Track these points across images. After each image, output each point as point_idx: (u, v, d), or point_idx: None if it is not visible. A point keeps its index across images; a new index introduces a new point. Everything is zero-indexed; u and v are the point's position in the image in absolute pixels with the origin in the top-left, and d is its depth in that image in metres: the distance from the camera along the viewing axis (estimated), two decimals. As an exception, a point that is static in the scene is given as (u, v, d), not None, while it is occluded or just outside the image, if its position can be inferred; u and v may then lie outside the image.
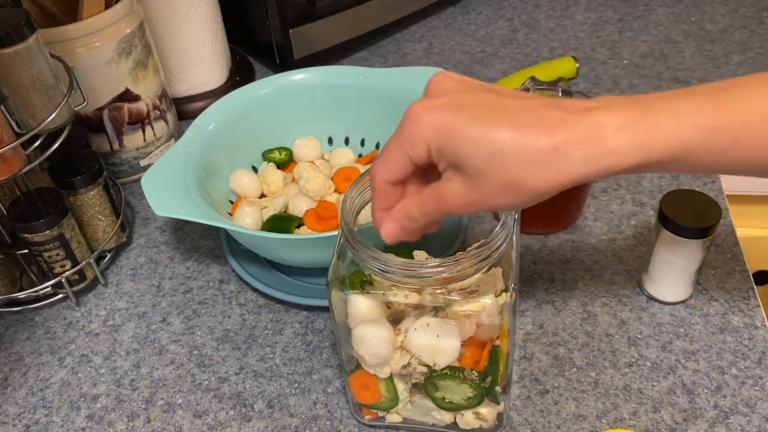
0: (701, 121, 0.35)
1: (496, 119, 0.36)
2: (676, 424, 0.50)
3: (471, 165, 0.37)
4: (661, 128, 0.35)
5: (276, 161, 0.70)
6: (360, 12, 0.90)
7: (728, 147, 0.35)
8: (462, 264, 0.40)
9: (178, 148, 0.63)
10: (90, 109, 0.71)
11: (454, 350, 0.44)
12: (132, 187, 0.77)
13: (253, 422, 0.53)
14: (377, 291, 0.43)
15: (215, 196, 0.63)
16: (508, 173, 0.36)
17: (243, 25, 0.92)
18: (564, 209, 0.64)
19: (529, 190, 0.36)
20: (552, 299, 0.59)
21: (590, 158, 0.35)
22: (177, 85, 0.86)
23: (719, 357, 0.54)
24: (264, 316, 0.61)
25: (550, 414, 0.51)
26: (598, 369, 0.54)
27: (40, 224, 0.58)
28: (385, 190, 0.41)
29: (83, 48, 0.67)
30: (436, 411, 0.48)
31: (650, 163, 0.36)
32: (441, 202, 0.39)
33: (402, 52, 0.95)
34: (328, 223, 0.61)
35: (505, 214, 0.42)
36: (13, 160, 0.54)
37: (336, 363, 0.56)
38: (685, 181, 0.69)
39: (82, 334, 0.61)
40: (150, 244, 0.70)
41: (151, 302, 0.63)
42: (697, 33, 0.92)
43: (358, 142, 0.72)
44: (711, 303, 0.57)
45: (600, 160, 0.35)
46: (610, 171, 0.36)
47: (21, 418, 0.55)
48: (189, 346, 0.59)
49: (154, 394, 0.56)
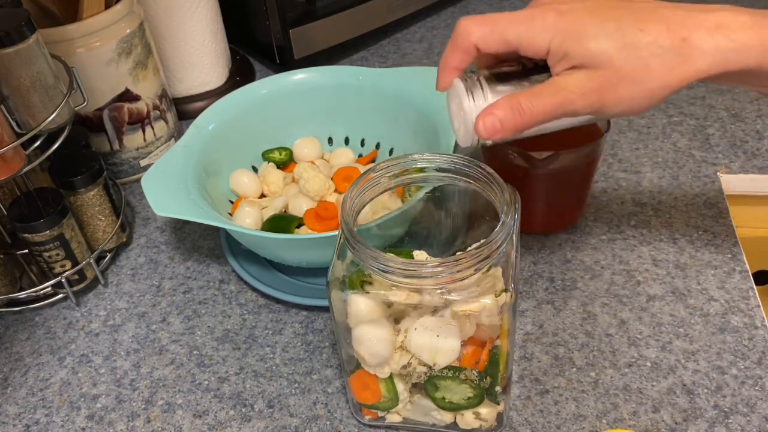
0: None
1: (625, 17, 0.38)
2: (676, 424, 0.50)
3: (601, 56, 0.38)
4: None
5: (276, 161, 0.70)
6: (360, 12, 0.90)
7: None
8: (462, 264, 0.39)
9: (178, 148, 0.63)
10: (90, 109, 0.71)
11: (454, 350, 0.44)
12: (132, 187, 0.77)
13: (253, 422, 0.53)
14: (377, 291, 0.43)
15: (215, 196, 0.63)
16: (639, 63, 0.38)
17: (243, 25, 0.92)
18: (564, 209, 0.64)
19: (656, 80, 0.38)
20: (552, 299, 0.59)
21: (718, 50, 0.37)
22: (177, 85, 0.86)
23: (719, 357, 0.53)
24: (264, 316, 0.61)
25: (550, 414, 0.51)
26: (598, 369, 0.54)
27: (40, 224, 0.58)
28: (467, 51, 0.41)
29: (83, 48, 0.67)
30: (436, 411, 0.48)
31: (766, 68, 0.38)
32: (559, 90, 0.39)
33: (402, 52, 0.95)
34: (328, 223, 0.61)
35: (505, 213, 0.42)
36: (13, 160, 0.54)
37: (336, 363, 0.56)
38: (684, 181, 0.69)
39: (82, 334, 0.61)
40: (150, 244, 0.70)
41: (151, 302, 0.63)
42: (697, 33, 0.92)
43: (358, 142, 0.72)
44: (711, 303, 0.57)
45: (726, 53, 0.37)
46: (729, 67, 0.38)
47: (21, 418, 0.55)
48: (189, 346, 0.59)
49: (154, 394, 0.56)
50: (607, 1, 0.40)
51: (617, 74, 0.38)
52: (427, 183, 0.48)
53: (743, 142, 0.73)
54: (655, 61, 0.38)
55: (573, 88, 0.39)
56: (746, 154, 0.72)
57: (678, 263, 0.61)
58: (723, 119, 0.77)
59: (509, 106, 0.40)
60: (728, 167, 0.70)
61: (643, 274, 0.60)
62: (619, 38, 0.38)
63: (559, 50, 0.39)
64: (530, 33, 0.39)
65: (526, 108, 0.40)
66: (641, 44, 0.38)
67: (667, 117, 0.78)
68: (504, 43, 0.40)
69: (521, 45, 0.40)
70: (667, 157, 0.72)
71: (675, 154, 0.72)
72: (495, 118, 0.41)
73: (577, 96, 0.39)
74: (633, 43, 0.38)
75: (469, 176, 0.45)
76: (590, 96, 0.39)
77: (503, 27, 0.40)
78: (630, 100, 0.39)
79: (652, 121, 0.77)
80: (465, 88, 0.43)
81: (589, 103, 0.39)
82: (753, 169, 0.70)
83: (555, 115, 0.41)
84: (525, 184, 0.59)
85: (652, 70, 0.38)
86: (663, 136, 0.75)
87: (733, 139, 0.74)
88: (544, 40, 0.39)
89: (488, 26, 0.41)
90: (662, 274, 0.60)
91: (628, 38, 0.38)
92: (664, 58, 0.38)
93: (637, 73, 0.38)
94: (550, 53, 0.39)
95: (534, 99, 0.40)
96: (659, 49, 0.38)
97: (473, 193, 0.45)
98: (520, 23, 0.40)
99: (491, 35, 0.40)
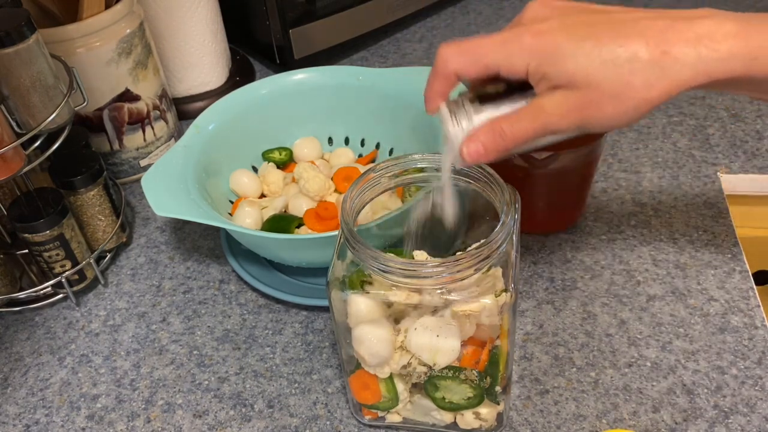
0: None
1: (602, 34, 0.37)
2: (676, 424, 0.50)
3: (579, 75, 0.37)
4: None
5: (276, 161, 0.70)
6: (360, 12, 0.90)
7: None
8: (462, 264, 0.39)
9: (178, 148, 0.63)
10: (90, 109, 0.71)
11: (454, 350, 0.44)
12: (132, 187, 0.77)
13: (253, 422, 0.53)
14: (377, 291, 0.43)
15: (215, 196, 0.63)
16: (618, 80, 0.37)
17: (243, 25, 0.92)
18: (564, 209, 0.64)
19: (638, 95, 0.37)
20: (552, 299, 0.59)
21: (701, 62, 0.36)
22: (177, 85, 0.86)
23: (719, 357, 0.53)
24: (264, 316, 0.61)
25: (550, 414, 0.51)
26: (598, 369, 0.54)
27: (40, 224, 0.58)
28: (448, 78, 0.41)
29: (83, 48, 0.67)
30: (436, 411, 0.48)
31: (754, 75, 0.37)
32: (539, 113, 0.39)
33: (402, 52, 0.95)
34: (328, 223, 0.61)
35: (505, 213, 0.42)
36: (13, 160, 0.54)
37: (336, 363, 0.56)
38: (684, 181, 0.69)
39: (82, 334, 0.61)
40: (150, 244, 0.70)
41: (151, 302, 0.63)
42: (697, 33, 0.92)
43: (358, 142, 0.72)
44: (711, 303, 0.57)
45: (710, 63, 0.36)
46: (715, 77, 0.37)
47: (21, 418, 0.55)
48: (189, 346, 0.59)
49: (154, 394, 0.56)
50: (587, 14, 0.39)
51: (597, 92, 0.38)
52: (427, 183, 0.48)
53: (743, 142, 0.73)
54: (635, 77, 0.37)
55: (553, 110, 0.39)
56: (746, 154, 0.72)
57: (678, 263, 0.61)
58: (723, 119, 0.77)
59: (492, 130, 0.40)
60: (728, 167, 0.70)
61: (643, 274, 0.60)
62: (596, 56, 0.37)
63: (536, 72, 0.38)
64: (508, 58, 0.39)
65: (508, 132, 0.40)
66: (620, 61, 0.37)
67: (667, 117, 0.78)
68: (484, 69, 0.40)
69: (501, 70, 0.40)
70: (667, 157, 0.72)
71: (675, 154, 0.72)
72: (478, 143, 0.41)
73: (557, 118, 0.39)
74: (611, 60, 0.37)
75: (469, 176, 0.45)
76: (570, 116, 0.39)
77: (481, 54, 0.40)
78: (613, 117, 0.38)
79: (652, 121, 0.77)
80: (450, 114, 0.43)
81: (571, 122, 0.39)
82: (753, 169, 0.70)
83: (538, 136, 0.41)
84: (525, 184, 0.59)
85: (632, 86, 0.37)
86: (663, 136, 0.75)
87: (733, 139, 0.74)
88: (521, 64, 0.39)
89: (466, 56, 0.40)
90: (662, 274, 0.60)
91: (606, 55, 0.37)
92: (645, 73, 0.37)
93: (618, 89, 0.37)
94: (529, 75, 0.39)
95: (515, 124, 0.40)
96: (639, 64, 0.37)
97: (473, 193, 0.45)
98: (497, 48, 0.39)
99: (471, 65, 0.40)
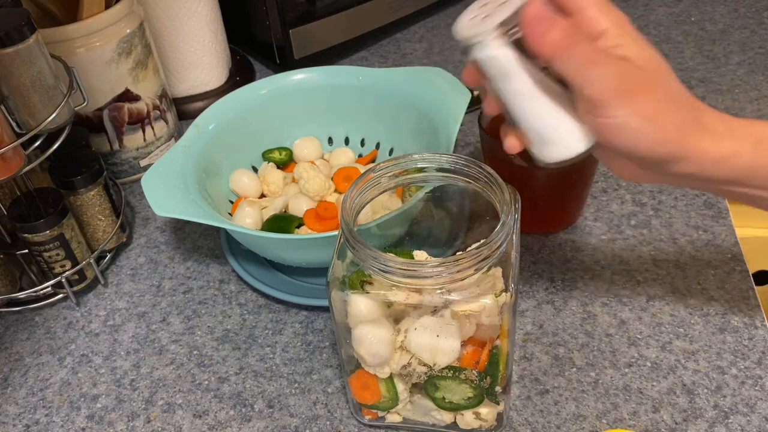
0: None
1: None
2: (676, 424, 0.50)
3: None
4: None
5: (276, 161, 0.70)
6: (360, 12, 0.90)
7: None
8: (462, 264, 0.39)
9: (178, 148, 0.63)
10: (90, 109, 0.71)
11: (454, 350, 0.44)
12: (132, 187, 0.77)
13: (253, 422, 0.53)
14: (377, 291, 0.43)
15: (215, 196, 0.63)
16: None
17: (243, 25, 0.92)
18: (564, 209, 0.64)
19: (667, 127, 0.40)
20: (552, 299, 0.59)
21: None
22: (177, 85, 0.86)
23: (719, 357, 0.54)
24: (264, 316, 0.61)
25: (550, 414, 0.51)
26: (598, 369, 0.54)
27: (40, 224, 0.58)
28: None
29: (83, 48, 0.67)
30: (436, 411, 0.48)
31: None
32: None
33: (402, 52, 0.95)
34: (328, 223, 0.61)
35: (505, 213, 0.42)
36: (13, 160, 0.54)
37: (336, 363, 0.56)
38: (685, 181, 0.69)
39: (82, 334, 0.61)
40: (150, 244, 0.70)
41: (151, 302, 0.63)
42: (697, 33, 0.92)
43: (358, 142, 0.72)
44: (711, 303, 0.57)
45: None
46: None
47: (21, 418, 0.55)
48: (189, 346, 0.59)
49: (154, 394, 0.56)
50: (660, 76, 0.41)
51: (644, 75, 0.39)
52: (427, 183, 0.48)
53: (743, 142, 0.73)
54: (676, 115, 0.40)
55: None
56: (746, 154, 0.72)
57: (678, 263, 0.61)
58: (723, 119, 0.77)
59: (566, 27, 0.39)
60: (728, 167, 0.70)
61: (643, 274, 0.60)
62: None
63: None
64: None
65: (568, 42, 0.38)
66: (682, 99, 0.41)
67: (667, 117, 0.78)
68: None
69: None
70: (667, 157, 0.72)
71: (675, 154, 0.72)
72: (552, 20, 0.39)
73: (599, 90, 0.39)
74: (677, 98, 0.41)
75: (469, 176, 0.45)
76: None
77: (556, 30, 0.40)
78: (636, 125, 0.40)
79: (652, 121, 0.77)
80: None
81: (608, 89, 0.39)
82: (753, 169, 0.70)
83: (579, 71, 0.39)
84: (525, 184, 0.59)
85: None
86: (663, 136, 0.75)
87: (733, 139, 0.74)
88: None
89: None
90: (662, 274, 0.60)
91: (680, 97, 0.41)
92: (685, 119, 0.40)
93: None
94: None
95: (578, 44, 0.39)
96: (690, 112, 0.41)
97: (473, 193, 0.45)
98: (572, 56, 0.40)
99: None
